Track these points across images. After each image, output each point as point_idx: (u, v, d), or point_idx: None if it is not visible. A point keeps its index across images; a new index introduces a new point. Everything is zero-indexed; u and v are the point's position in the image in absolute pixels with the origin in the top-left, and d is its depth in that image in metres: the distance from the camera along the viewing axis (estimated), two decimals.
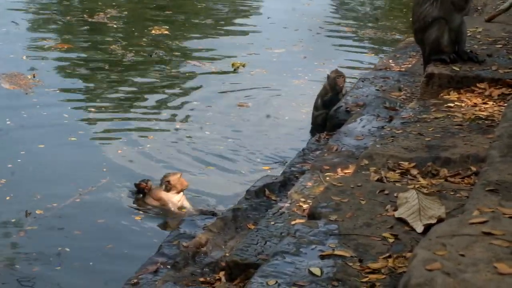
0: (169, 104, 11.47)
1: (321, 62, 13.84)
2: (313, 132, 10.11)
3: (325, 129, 9.37)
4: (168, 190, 8.17)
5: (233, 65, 13.46)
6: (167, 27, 15.84)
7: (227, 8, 18.89)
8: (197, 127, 10.57)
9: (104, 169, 8.96)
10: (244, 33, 16.24)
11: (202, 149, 9.79)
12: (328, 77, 10.51)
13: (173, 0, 18.92)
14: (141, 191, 8.33)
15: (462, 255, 2.60)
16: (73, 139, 9.80)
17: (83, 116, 10.73)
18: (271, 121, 10.98)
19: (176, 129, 10.48)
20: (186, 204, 8.25)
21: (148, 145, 9.80)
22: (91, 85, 12.27)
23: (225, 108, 11.39)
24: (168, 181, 8.16)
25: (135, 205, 8.24)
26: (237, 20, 17.60)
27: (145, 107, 11.27)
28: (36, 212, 7.80)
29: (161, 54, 13.93)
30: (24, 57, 13.36)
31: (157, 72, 13.01)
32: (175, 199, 8.19)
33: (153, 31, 15.46)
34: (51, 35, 15.25)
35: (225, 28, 16.75)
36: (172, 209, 8.14)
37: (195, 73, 13.03)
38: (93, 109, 10.98)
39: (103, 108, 11.08)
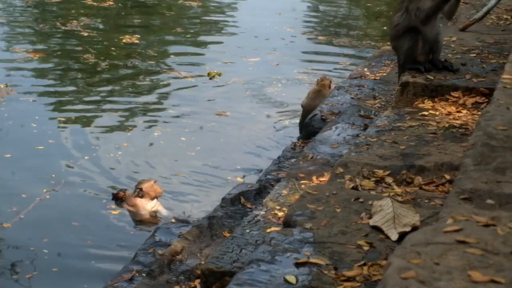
0: (145, 113, 11.44)
1: (296, 71, 13.87)
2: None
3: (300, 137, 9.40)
4: (141, 197, 8.16)
5: (209, 74, 13.44)
6: (138, 36, 15.81)
7: (197, 17, 18.85)
8: (173, 135, 10.55)
9: (75, 178, 8.93)
10: (215, 42, 16.22)
11: (177, 157, 9.78)
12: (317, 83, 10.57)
13: (144, 9, 18.89)
14: (119, 200, 8.32)
15: (437, 264, 2.62)
16: (40, 147, 9.75)
17: (55, 125, 10.67)
18: (249, 130, 10.99)
19: (152, 137, 10.45)
20: (162, 210, 8.24)
21: (121, 153, 9.77)
22: (64, 94, 12.20)
23: (203, 117, 11.38)
24: (140, 189, 8.16)
25: (109, 213, 8.22)
26: (207, 29, 17.58)
27: (120, 115, 11.23)
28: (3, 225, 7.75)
29: (136, 63, 13.91)
30: None
31: (131, 81, 12.97)
32: (148, 206, 8.18)
33: (124, 40, 15.42)
34: (23, 43, 15.17)
35: (195, 37, 16.72)
36: (146, 216, 8.13)
37: (170, 82, 13.00)
38: (65, 118, 10.93)
39: (75, 117, 11.03)
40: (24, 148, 9.68)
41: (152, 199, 8.20)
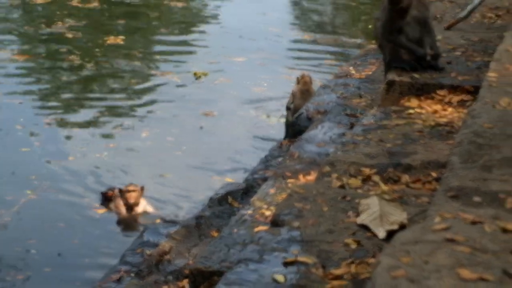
0: (131, 114, 11.43)
1: (282, 70, 13.88)
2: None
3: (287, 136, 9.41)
4: (125, 201, 8.18)
5: (195, 74, 13.43)
6: (123, 37, 15.77)
7: (182, 17, 18.82)
8: (160, 136, 10.55)
9: (61, 179, 8.92)
10: (200, 42, 16.20)
11: (164, 157, 9.78)
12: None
13: (129, 10, 18.85)
14: (107, 199, 8.31)
15: (426, 262, 2.63)
16: (25, 149, 9.72)
17: (41, 127, 10.63)
18: (235, 129, 10.99)
19: (139, 138, 10.45)
20: (149, 210, 8.25)
21: (107, 153, 9.75)
22: (50, 96, 12.16)
23: (191, 117, 11.38)
24: (124, 192, 8.18)
25: (96, 212, 8.22)
26: (192, 30, 17.55)
27: (106, 116, 11.22)
28: None
29: (122, 64, 13.88)
30: None
31: (117, 82, 12.94)
32: (136, 208, 8.20)
33: (109, 41, 15.38)
34: (8, 45, 15.11)
35: (180, 37, 16.69)
36: (134, 216, 8.13)
37: (157, 83, 12.99)
38: (51, 120, 10.90)
39: (61, 119, 11.01)
40: (9, 150, 9.65)
41: (137, 202, 8.20)
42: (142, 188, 8.33)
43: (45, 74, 13.23)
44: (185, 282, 5.38)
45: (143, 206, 8.27)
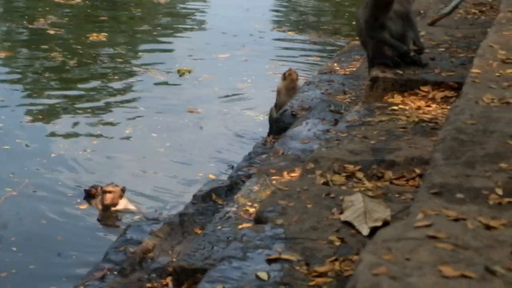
0: (115, 110, 11.38)
1: (266, 66, 13.88)
2: None
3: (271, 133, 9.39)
4: (104, 201, 8.17)
5: (179, 71, 13.40)
6: (106, 33, 15.73)
7: (165, 14, 18.78)
8: (143, 133, 10.53)
9: (44, 176, 8.89)
10: (183, 39, 16.18)
11: (148, 154, 9.76)
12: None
13: (112, 6, 18.81)
14: (91, 197, 8.29)
15: (408, 259, 2.63)
16: (6, 147, 9.67)
17: (22, 125, 10.57)
18: (219, 126, 10.98)
19: (122, 135, 10.42)
20: (131, 208, 8.23)
21: (89, 150, 9.72)
22: (32, 93, 12.10)
23: (175, 114, 11.35)
24: (104, 192, 8.16)
25: (79, 210, 8.19)
26: (175, 26, 17.51)
27: (89, 113, 11.17)
28: None
29: (105, 60, 13.83)
30: None
31: (100, 79, 12.89)
32: (118, 204, 8.18)
33: (91, 38, 15.33)
34: None
35: (163, 34, 16.66)
36: (115, 214, 8.11)
37: (140, 79, 12.96)
38: (33, 117, 10.85)
39: (43, 116, 10.95)
40: None
41: (114, 202, 8.19)
42: (122, 189, 8.28)
43: (27, 72, 13.16)
44: (169, 280, 5.36)
45: (124, 204, 8.24)
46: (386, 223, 4.42)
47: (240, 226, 5.42)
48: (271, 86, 11.64)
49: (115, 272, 5.91)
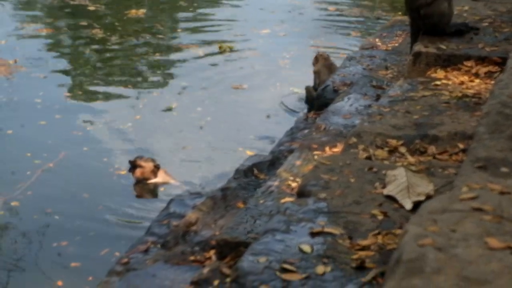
0: (157, 85, 11.45)
1: (306, 42, 13.85)
2: None
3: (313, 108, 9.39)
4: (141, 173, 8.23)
5: (220, 47, 13.42)
6: (144, 10, 15.76)
7: None
8: (188, 107, 10.57)
9: (83, 148, 8.97)
10: (221, 15, 16.16)
11: (192, 129, 9.81)
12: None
13: None
14: (135, 168, 8.35)
15: (453, 231, 2.63)
16: (43, 122, 9.74)
17: (63, 100, 10.66)
18: (261, 101, 10.99)
19: (166, 109, 10.47)
20: (171, 180, 8.28)
21: (131, 124, 9.78)
22: (73, 69, 12.20)
23: (220, 90, 11.38)
24: (136, 166, 8.23)
25: (121, 183, 8.27)
26: (212, 2, 17.49)
27: (131, 88, 11.24)
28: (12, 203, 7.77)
29: (147, 37, 13.88)
30: (3, 42, 13.29)
31: (143, 55, 12.95)
32: (158, 177, 8.24)
33: (130, 14, 15.37)
34: (32, 19, 15.16)
35: (201, 10, 16.67)
36: (155, 187, 8.18)
37: (182, 55, 13.00)
38: (73, 93, 10.93)
39: (86, 92, 11.04)
40: (28, 123, 9.69)
41: (147, 177, 8.24)
42: (156, 165, 8.30)
43: (68, 48, 13.27)
44: (212, 253, 5.40)
45: (162, 178, 8.29)
46: (429, 198, 4.41)
47: (282, 200, 5.44)
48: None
49: (159, 245, 5.96)
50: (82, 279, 6.48)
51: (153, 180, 8.27)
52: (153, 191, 8.20)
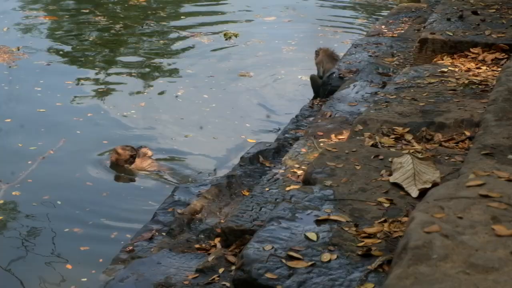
0: (162, 73, 11.42)
1: (313, 29, 13.80)
2: None
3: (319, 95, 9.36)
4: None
5: (225, 34, 13.37)
6: None
7: None
8: (194, 95, 10.55)
9: (88, 135, 8.96)
10: (224, 2, 16.09)
11: (196, 116, 9.79)
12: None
13: None
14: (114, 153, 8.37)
15: (460, 218, 2.61)
16: (42, 110, 9.72)
17: (66, 87, 10.64)
18: (266, 89, 10.96)
19: (171, 96, 10.45)
20: (152, 168, 8.28)
21: (136, 111, 9.77)
22: (77, 57, 12.17)
23: (226, 78, 11.35)
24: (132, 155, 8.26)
25: (127, 172, 8.27)
26: None
27: (135, 75, 11.22)
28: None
29: (151, 24, 13.85)
30: (5, 29, 13.27)
31: (148, 43, 12.92)
32: (132, 167, 8.26)
33: (131, 2, 15.33)
34: (35, 6, 15.13)
35: None
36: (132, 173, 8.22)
37: (187, 43, 12.96)
38: (77, 81, 10.91)
39: (89, 80, 11.02)
40: (29, 111, 9.67)
41: (123, 163, 8.26)
42: (132, 155, 8.28)
43: (72, 35, 13.24)
44: (217, 241, 5.39)
45: (136, 166, 8.28)
46: (435, 185, 4.39)
47: (288, 188, 5.42)
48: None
49: (164, 233, 5.95)
50: (90, 262, 6.45)
51: (129, 167, 8.26)
52: (125, 177, 8.20)
